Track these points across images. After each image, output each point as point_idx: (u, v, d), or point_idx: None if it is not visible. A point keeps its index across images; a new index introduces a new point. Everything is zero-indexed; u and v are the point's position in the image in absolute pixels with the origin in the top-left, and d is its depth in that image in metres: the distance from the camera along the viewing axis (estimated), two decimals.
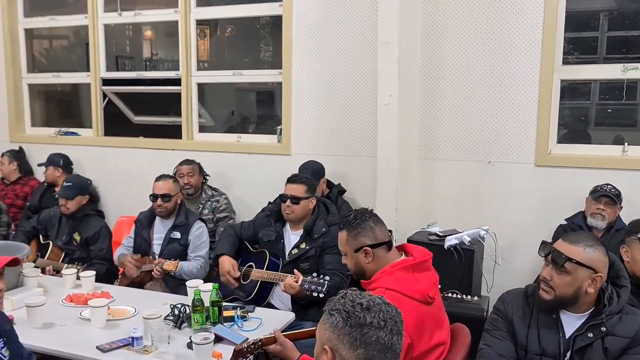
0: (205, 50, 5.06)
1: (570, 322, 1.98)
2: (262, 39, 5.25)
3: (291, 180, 3.26)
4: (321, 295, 2.70)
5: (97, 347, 2.32)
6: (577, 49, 3.81)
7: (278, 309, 3.06)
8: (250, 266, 3.26)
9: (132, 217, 4.46)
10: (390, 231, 2.36)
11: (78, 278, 3.12)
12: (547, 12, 3.53)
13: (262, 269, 3.19)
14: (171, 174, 3.88)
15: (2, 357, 1.94)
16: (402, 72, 3.60)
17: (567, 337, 1.96)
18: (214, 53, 5.37)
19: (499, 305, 2.13)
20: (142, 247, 3.52)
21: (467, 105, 3.78)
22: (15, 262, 1.97)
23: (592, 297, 1.94)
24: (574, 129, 3.91)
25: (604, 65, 3.76)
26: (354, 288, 1.51)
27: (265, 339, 2.13)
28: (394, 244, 2.34)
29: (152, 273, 3.27)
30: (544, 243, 2.00)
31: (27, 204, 4.74)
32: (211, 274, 3.57)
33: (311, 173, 3.67)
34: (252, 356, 2.15)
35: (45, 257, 3.61)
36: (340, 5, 4.01)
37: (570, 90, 3.81)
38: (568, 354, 1.95)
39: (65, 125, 5.33)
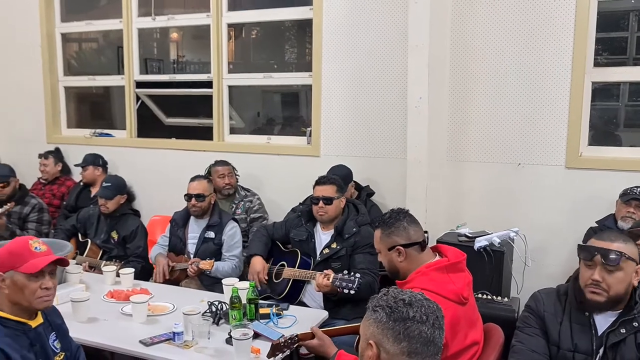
0: (230, 52, 5.15)
1: (603, 319, 2.01)
2: (287, 41, 5.32)
3: (320, 182, 3.32)
4: (352, 292, 2.76)
5: (140, 341, 2.42)
6: (607, 49, 3.79)
7: (310, 307, 3.13)
8: (282, 265, 3.33)
9: (165, 217, 4.59)
10: (425, 232, 2.41)
11: (117, 275, 3.23)
12: (578, 14, 3.53)
13: (294, 267, 3.27)
14: (203, 174, 3.99)
15: (54, 349, 2.04)
16: (431, 74, 3.63)
17: (599, 333, 1.99)
18: (239, 55, 5.46)
19: (531, 303, 2.17)
20: (177, 246, 3.62)
21: (496, 107, 3.80)
22: (64, 263, 2.06)
23: (629, 293, 1.98)
24: (602, 130, 3.89)
25: (637, 67, 3.74)
26: (395, 286, 1.56)
27: (302, 334, 2.20)
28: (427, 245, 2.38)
29: (187, 271, 3.36)
30: (583, 246, 2.01)
31: (64, 203, 4.88)
32: (244, 273, 3.66)
33: (341, 178, 3.71)
34: (288, 351, 2.22)
35: (84, 255, 3.73)
36: (369, 9, 4.06)
37: (599, 91, 3.79)
38: (601, 351, 1.98)
39: (96, 127, 5.48)
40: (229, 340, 2.41)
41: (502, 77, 3.76)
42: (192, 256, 3.52)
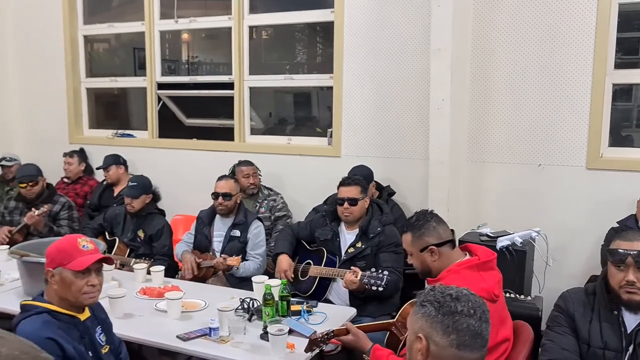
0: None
1: (632, 317, 2.06)
2: (298, 43, 5.36)
3: (345, 183, 3.37)
4: (380, 289, 2.83)
5: (177, 336, 2.49)
6: (621, 49, 3.81)
7: (335, 304, 3.18)
8: (308, 263, 3.40)
9: (186, 216, 4.68)
10: (452, 231, 2.47)
11: (148, 273, 3.31)
12: (599, 16, 3.58)
13: (320, 266, 3.33)
14: (227, 174, 4.06)
15: (100, 342, 2.12)
16: (453, 76, 3.69)
17: (628, 331, 2.05)
18: (250, 56, 5.50)
19: (560, 302, 2.23)
20: (202, 243, 3.70)
21: (517, 108, 3.85)
22: (109, 262, 2.15)
23: None
24: (617, 131, 3.92)
25: None
26: (435, 286, 1.61)
27: (337, 330, 2.27)
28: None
29: (214, 265, 3.42)
30: (613, 250, 2.07)
31: (88, 202, 4.97)
32: (269, 268, 3.73)
33: (362, 178, 3.77)
34: (324, 345, 2.29)
35: (112, 253, 3.81)
36: (391, 12, 4.12)
37: (614, 92, 3.81)
38: (630, 348, 2.04)
39: (112, 127, 5.58)
40: (263, 336, 2.48)
41: (523, 78, 3.81)
42: (217, 254, 3.59)
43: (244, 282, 3.40)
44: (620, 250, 2.04)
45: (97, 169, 5.04)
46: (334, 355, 3.68)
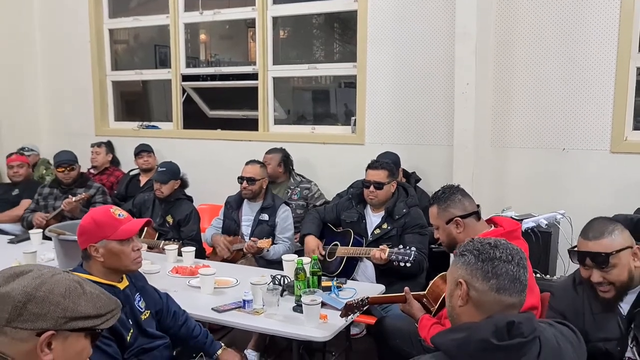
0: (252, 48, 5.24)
1: (624, 300, 1.98)
2: (317, 39, 5.41)
3: (372, 166, 3.42)
4: (408, 264, 2.89)
5: (212, 309, 2.56)
6: None
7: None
8: (335, 245, 3.45)
9: (212, 205, 4.75)
10: (478, 205, 2.51)
11: (179, 254, 3.39)
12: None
13: (347, 247, 3.39)
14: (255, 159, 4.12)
15: (139, 309, 2.18)
16: (477, 60, 3.72)
17: (624, 315, 1.97)
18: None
19: (552, 301, 2.17)
20: (231, 227, 3.77)
21: (540, 93, 3.87)
22: (150, 224, 2.22)
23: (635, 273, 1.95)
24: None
25: None
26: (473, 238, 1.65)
27: (372, 298, 2.34)
28: None
29: (245, 248, 3.49)
30: (572, 252, 2.01)
31: (115, 192, 5.07)
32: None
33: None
34: (358, 312, 2.35)
35: (141, 237, 3.89)
36: None
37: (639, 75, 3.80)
38: (631, 334, 1.94)
39: (134, 121, 5.68)
40: (296, 309, 2.54)
41: (546, 63, 3.82)
42: (246, 238, 3.67)
43: (273, 265, 3.47)
44: (578, 253, 1.97)
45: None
46: (360, 339, 3.75)
